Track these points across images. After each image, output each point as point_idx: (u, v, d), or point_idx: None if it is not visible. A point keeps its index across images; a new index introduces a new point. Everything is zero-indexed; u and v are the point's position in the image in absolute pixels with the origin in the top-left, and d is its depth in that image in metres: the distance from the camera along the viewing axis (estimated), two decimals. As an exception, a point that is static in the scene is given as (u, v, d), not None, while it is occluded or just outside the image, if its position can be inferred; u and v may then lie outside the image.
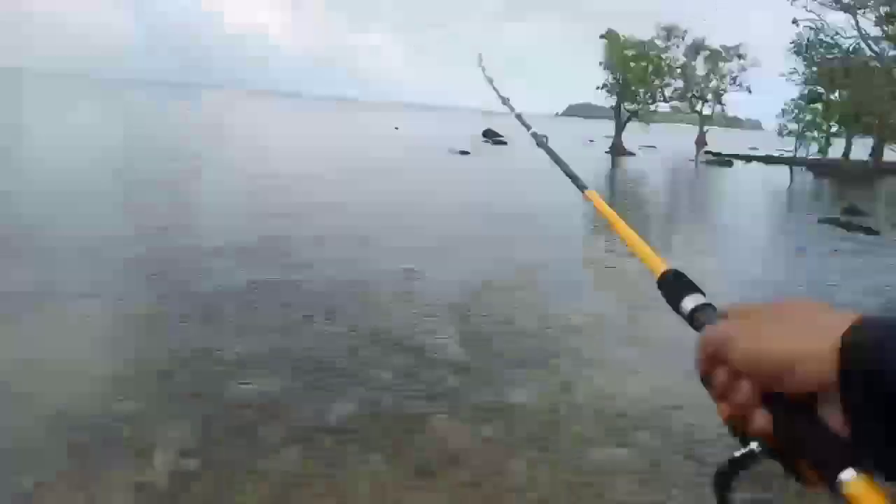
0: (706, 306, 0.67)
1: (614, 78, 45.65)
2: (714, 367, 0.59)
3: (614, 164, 34.35)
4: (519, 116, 2.17)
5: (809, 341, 0.51)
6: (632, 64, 44.15)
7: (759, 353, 0.54)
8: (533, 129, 1.89)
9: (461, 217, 13.61)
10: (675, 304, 0.70)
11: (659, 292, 0.75)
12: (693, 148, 55.70)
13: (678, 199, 23.66)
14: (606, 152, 43.65)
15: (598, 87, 47.01)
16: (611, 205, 1.01)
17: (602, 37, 46.03)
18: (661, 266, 0.79)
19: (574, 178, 1.37)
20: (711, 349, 0.59)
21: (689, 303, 0.68)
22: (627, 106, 46.11)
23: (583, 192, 1.29)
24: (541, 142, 1.76)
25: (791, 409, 0.53)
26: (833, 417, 0.50)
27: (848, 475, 0.46)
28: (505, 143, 45.06)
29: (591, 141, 60.03)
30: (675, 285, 0.73)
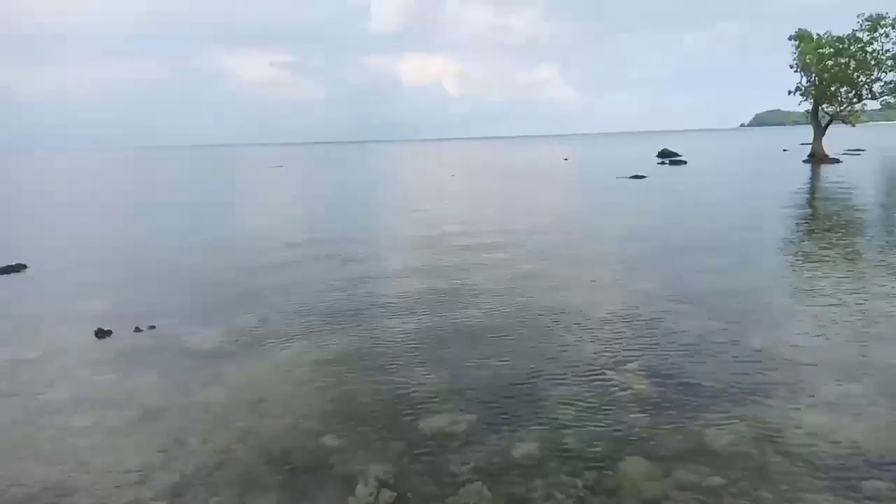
0: None
1: (809, 80, 41.45)
2: None
3: (814, 175, 30.84)
4: None
5: None
6: (829, 63, 39.79)
7: None
8: None
9: (632, 241, 13.07)
10: None
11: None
12: (915, 148, 48.34)
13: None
14: (804, 161, 39.51)
15: (789, 92, 42.98)
16: (812, 230, 0.91)
17: (791, 38, 42.19)
18: None
19: None
20: None
21: None
22: (826, 108, 41.50)
23: None
24: None
25: None
26: None
27: None
28: (684, 162, 42.74)
29: (785, 150, 54.77)
30: None
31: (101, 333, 7.72)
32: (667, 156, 46.75)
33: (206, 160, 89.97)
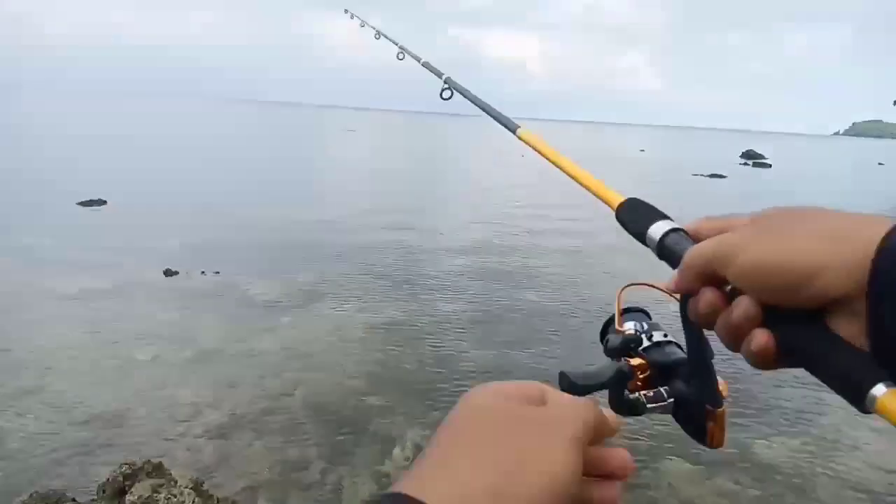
0: (677, 231, 0.61)
1: (917, 90, 38.68)
2: (701, 284, 0.53)
3: (911, 192, 28.85)
4: (426, 64, 2.07)
5: (838, 246, 0.46)
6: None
7: (772, 263, 0.48)
8: (447, 75, 1.74)
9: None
10: (639, 234, 0.65)
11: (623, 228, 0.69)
12: None
13: None
14: (901, 177, 37.06)
15: (894, 102, 40.26)
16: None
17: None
18: (617, 198, 0.73)
19: (502, 120, 1.30)
20: (703, 263, 0.53)
21: (658, 229, 0.62)
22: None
23: (514, 132, 1.21)
24: (461, 88, 1.66)
25: (801, 323, 0.48)
26: (847, 330, 0.46)
27: (881, 389, 0.42)
28: (769, 166, 40.80)
29: (881, 164, 51.50)
30: (636, 214, 0.67)
31: (169, 273, 8.09)
32: (751, 157, 44.72)
33: (293, 118, 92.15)
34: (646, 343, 0.72)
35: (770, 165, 40.88)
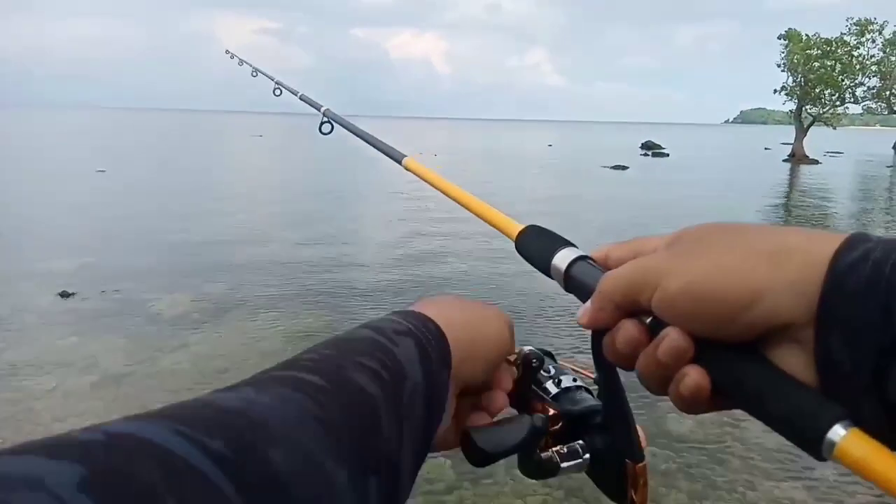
0: (584, 259, 0.55)
1: (795, 80, 41.84)
2: (618, 316, 0.46)
3: (793, 174, 31.25)
4: (303, 97, 2.13)
5: (780, 266, 0.39)
6: (816, 64, 40.18)
7: (703, 287, 0.41)
8: (325, 108, 1.71)
9: (605, 232, 13.13)
10: (542, 264, 0.59)
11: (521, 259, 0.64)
12: (891, 153, 49.24)
13: (886, 216, 19.07)
14: (784, 160, 40.02)
15: (775, 91, 43.40)
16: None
17: (781, 37, 42.49)
18: (515, 227, 0.68)
19: (387, 150, 1.24)
20: (621, 291, 0.46)
21: (564, 258, 0.56)
22: (810, 109, 42.00)
23: (400, 162, 1.15)
24: (341, 120, 1.64)
25: (739, 357, 0.41)
26: (791, 363, 0.39)
27: (838, 432, 0.36)
28: (667, 155, 43.03)
29: (767, 148, 55.45)
30: (538, 243, 0.62)
31: (66, 294, 7.57)
32: (650, 147, 47.01)
33: (186, 124, 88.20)
34: (554, 390, 0.64)
35: (668, 154, 43.13)
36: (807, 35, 41.58)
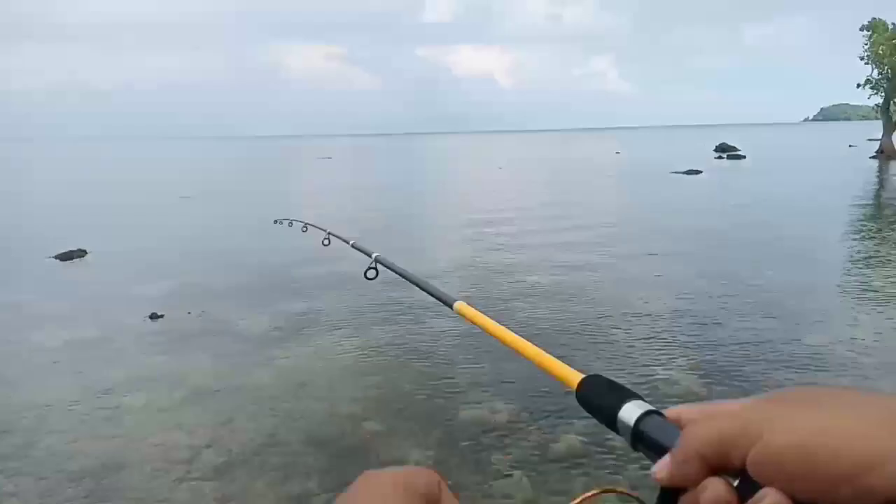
0: (655, 413, 0.50)
1: (881, 73, 39.49)
2: (704, 474, 0.41)
3: (882, 172, 29.37)
4: (355, 245, 2.11)
5: None
6: (903, 54, 37.85)
7: (815, 444, 0.36)
8: (377, 254, 1.66)
9: (681, 238, 12.70)
10: (608, 418, 0.54)
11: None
12: None
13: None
14: (872, 157, 37.72)
15: (858, 85, 41.10)
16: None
17: (863, 28, 40.26)
18: (575, 376, 0.63)
19: (437, 294, 1.17)
20: (715, 445, 0.41)
21: (631, 412, 0.51)
22: (899, 102, 39.49)
23: (451, 306, 1.08)
24: (387, 263, 1.53)
25: None
26: None
27: None
28: (743, 157, 41.37)
29: (852, 146, 52.44)
30: (601, 394, 0.57)
31: (155, 317, 7.99)
32: (725, 150, 45.36)
33: (261, 151, 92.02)
34: None
35: (744, 157, 41.47)
36: (893, 24, 39.21)
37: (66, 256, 12.24)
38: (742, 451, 0.39)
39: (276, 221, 3.55)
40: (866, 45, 40.03)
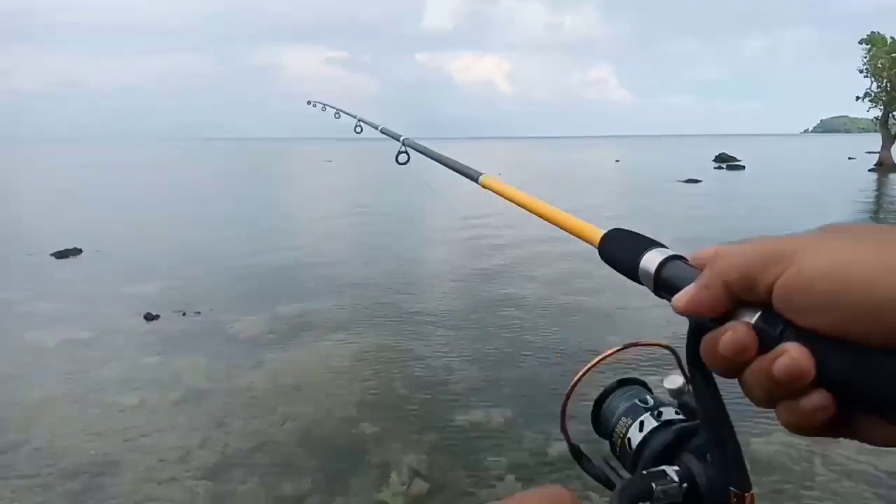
0: (677, 259, 0.48)
1: (880, 86, 39.66)
2: (727, 303, 0.39)
3: (881, 184, 29.45)
4: (384, 130, 2.19)
5: None
6: (902, 67, 38.04)
7: (853, 272, 0.33)
8: (405, 137, 1.78)
9: (677, 246, 12.68)
10: (630, 268, 0.52)
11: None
12: None
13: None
14: (871, 170, 37.82)
15: (858, 98, 41.26)
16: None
17: (862, 41, 40.45)
18: (597, 232, 0.63)
19: (464, 171, 1.30)
20: (741, 269, 0.38)
21: (653, 259, 0.49)
22: (897, 115, 39.67)
23: (477, 180, 1.20)
24: (420, 147, 1.67)
25: (883, 370, 0.32)
26: None
27: None
28: (743, 167, 41.46)
29: (851, 158, 52.60)
30: (623, 246, 0.56)
31: (150, 317, 7.96)
32: (724, 160, 45.43)
33: (258, 153, 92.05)
34: (653, 423, 0.59)
35: (744, 167, 41.54)
36: (892, 38, 39.41)
37: (61, 255, 12.22)
38: (770, 277, 0.36)
39: (309, 102, 3.73)
40: (865, 58, 40.23)
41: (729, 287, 0.39)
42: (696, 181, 29.51)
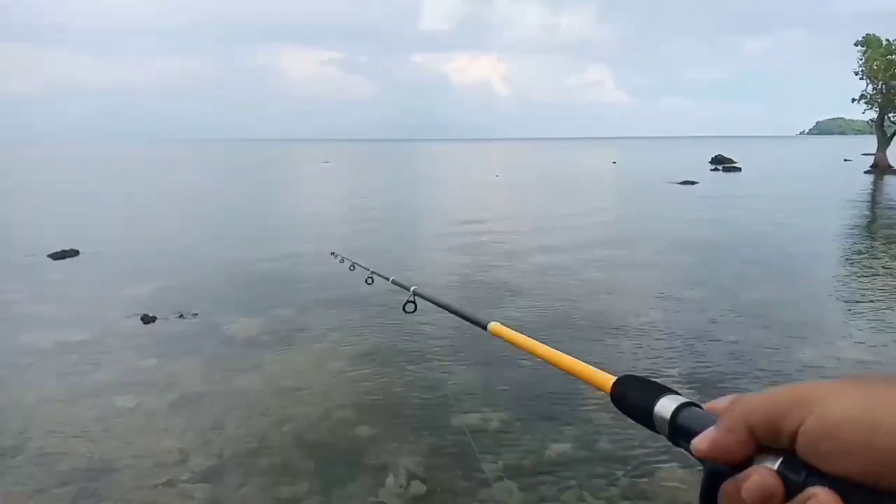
0: (691, 406, 0.49)
1: (875, 88, 39.79)
2: (750, 449, 0.39)
3: (877, 186, 29.55)
4: (395, 281, 2.25)
5: None
6: (897, 69, 38.16)
7: (880, 417, 0.33)
8: (414, 287, 1.78)
9: (676, 248, 12.74)
10: (644, 415, 0.54)
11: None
12: None
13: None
14: (866, 172, 37.93)
15: (853, 100, 41.39)
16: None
17: (858, 43, 40.58)
18: (608, 379, 0.65)
19: (472, 318, 1.22)
20: (763, 414, 0.38)
21: (667, 406, 0.51)
22: (892, 117, 39.78)
23: (485, 328, 1.14)
24: (425, 295, 1.58)
25: None
26: None
27: None
28: (739, 169, 41.56)
29: (847, 160, 52.75)
30: (635, 392, 0.57)
31: (147, 319, 7.95)
32: (720, 162, 45.57)
33: (256, 154, 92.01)
34: None
35: (740, 169, 41.65)
36: (887, 40, 39.55)
37: (58, 256, 12.20)
38: (793, 423, 0.36)
39: (332, 254, 4.23)
40: (861, 60, 40.36)
41: (752, 431, 0.38)
42: (693, 183, 29.60)
